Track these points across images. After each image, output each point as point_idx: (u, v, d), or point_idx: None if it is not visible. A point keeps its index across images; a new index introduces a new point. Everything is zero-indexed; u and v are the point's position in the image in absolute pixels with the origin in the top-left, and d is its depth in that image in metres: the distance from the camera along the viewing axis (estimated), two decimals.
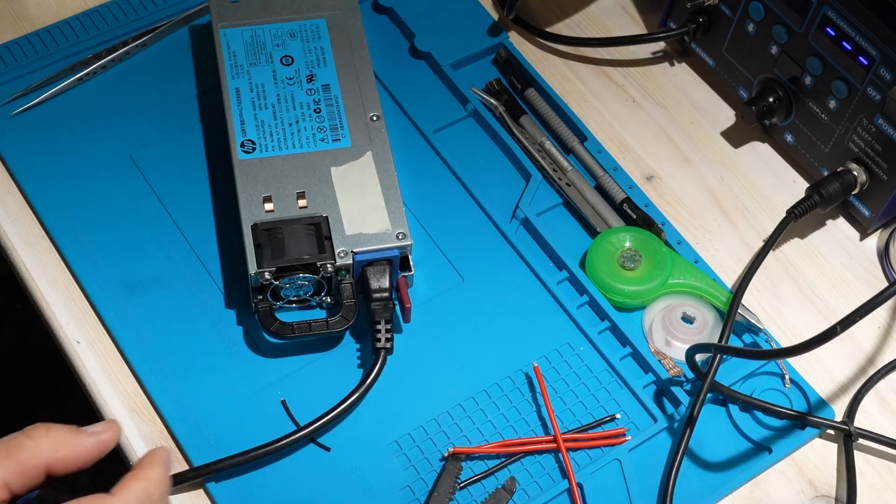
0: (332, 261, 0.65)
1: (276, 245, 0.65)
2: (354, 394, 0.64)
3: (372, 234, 0.66)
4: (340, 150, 0.69)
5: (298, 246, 0.65)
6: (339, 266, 0.65)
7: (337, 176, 0.68)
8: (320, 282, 0.66)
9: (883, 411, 0.69)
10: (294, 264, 0.65)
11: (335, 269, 0.65)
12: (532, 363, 0.67)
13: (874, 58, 0.68)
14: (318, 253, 0.65)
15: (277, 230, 0.66)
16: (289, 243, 0.65)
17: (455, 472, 0.63)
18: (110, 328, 0.68)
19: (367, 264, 0.66)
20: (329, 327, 0.65)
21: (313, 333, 0.65)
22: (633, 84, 0.83)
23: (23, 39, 0.79)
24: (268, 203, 0.67)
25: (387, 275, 0.66)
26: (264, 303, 0.65)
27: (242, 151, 0.69)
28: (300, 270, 0.65)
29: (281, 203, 0.67)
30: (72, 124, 0.76)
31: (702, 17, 0.80)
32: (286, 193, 0.67)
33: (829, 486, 0.66)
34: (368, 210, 0.67)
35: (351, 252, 0.65)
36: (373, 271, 0.66)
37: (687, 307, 0.70)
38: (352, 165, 0.68)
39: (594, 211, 0.74)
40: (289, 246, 0.65)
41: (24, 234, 0.72)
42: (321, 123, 0.70)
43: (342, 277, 0.66)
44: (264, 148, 0.69)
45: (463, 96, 0.79)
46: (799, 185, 0.78)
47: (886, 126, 0.70)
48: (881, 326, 0.72)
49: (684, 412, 0.66)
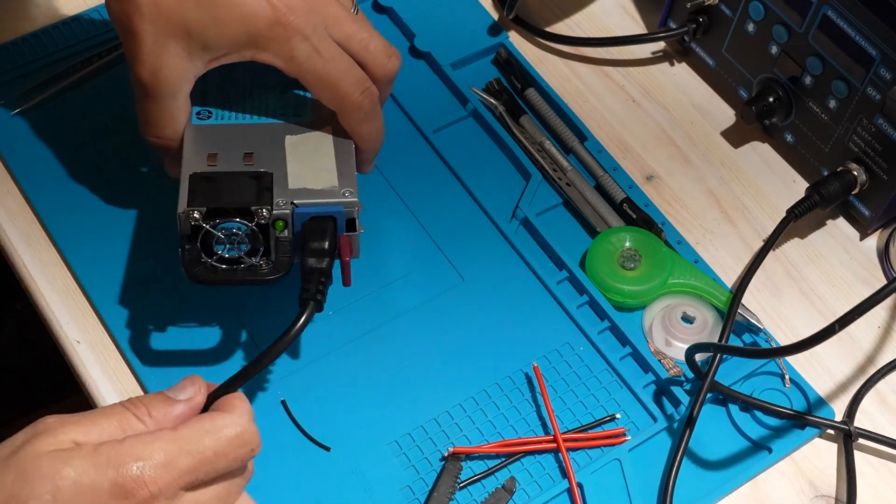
0: (268, 207, 0.60)
1: (212, 190, 0.61)
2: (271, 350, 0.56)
3: (317, 189, 0.62)
4: (296, 126, 0.66)
5: (235, 192, 0.61)
6: (277, 215, 0.60)
7: (290, 142, 0.65)
8: (256, 236, 0.61)
9: (883, 411, 0.69)
10: (227, 207, 0.61)
11: (272, 217, 0.60)
12: (532, 363, 0.67)
13: (874, 58, 0.69)
14: (255, 200, 0.61)
15: (217, 179, 0.62)
16: (225, 190, 0.62)
17: (455, 472, 0.63)
18: (110, 328, 0.68)
19: (308, 219, 0.61)
20: (256, 275, 0.60)
21: (239, 281, 0.60)
22: (633, 84, 0.83)
23: (23, 39, 0.79)
24: (211, 160, 0.63)
25: (327, 231, 0.61)
26: (193, 250, 0.61)
27: (197, 118, 0.66)
28: (234, 216, 0.60)
29: (225, 161, 0.63)
30: (72, 124, 0.76)
31: (702, 17, 0.80)
32: (233, 154, 0.64)
33: (829, 486, 0.66)
34: (317, 170, 0.63)
35: (291, 203, 0.61)
36: (312, 227, 0.61)
37: (687, 307, 0.70)
38: (308, 136, 0.66)
39: (594, 211, 0.74)
40: (224, 192, 0.61)
41: (24, 234, 0.72)
42: (285, 102, 0.68)
43: (279, 231, 0.61)
44: (220, 117, 0.66)
45: (463, 96, 0.79)
46: (799, 185, 0.78)
47: (886, 126, 0.70)
48: (881, 326, 0.72)
49: (684, 412, 0.66)
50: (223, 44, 0.61)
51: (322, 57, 0.62)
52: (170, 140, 0.64)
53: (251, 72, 0.68)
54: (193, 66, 0.62)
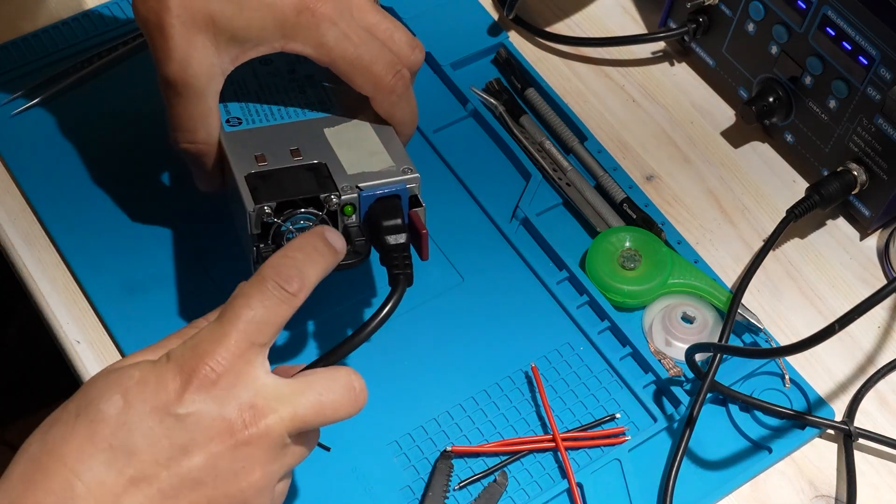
0: (336, 193, 0.60)
1: (274, 185, 0.61)
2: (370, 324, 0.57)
3: (375, 171, 0.62)
4: (331, 117, 0.66)
5: (298, 184, 0.61)
6: (345, 200, 0.61)
7: (331, 134, 0.65)
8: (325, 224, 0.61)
9: (883, 411, 0.69)
10: (296, 199, 0.61)
11: (341, 203, 0.61)
12: (531, 363, 0.67)
13: (874, 58, 0.69)
14: (321, 189, 0.61)
15: (274, 175, 0.62)
16: (287, 183, 0.61)
17: (447, 471, 0.63)
18: (110, 328, 0.68)
19: (375, 201, 0.62)
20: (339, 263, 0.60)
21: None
22: (633, 84, 0.83)
23: (23, 39, 0.79)
24: (261, 160, 0.63)
25: (398, 209, 0.62)
26: (268, 248, 0.61)
27: (228, 126, 0.65)
28: (303, 207, 0.61)
29: (275, 158, 0.63)
30: (72, 124, 0.76)
31: (702, 17, 0.80)
32: (279, 151, 0.64)
33: (829, 486, 0.66)
34: (368, 155, 0.64)
35: (356, 187, 0.61)
36: (382, 207, 0.62)
37: (687, 307, 0.70)
38: (345, 125, 0.66)
39: (594, 211, 0.74)
40: (287, 185, 0.61)
41: (24, 234, 0.72)
42: (307, 100, 0.67)
43: (348, 216, 0.62)
44: (250, 121, 0.66)
45: (463, 96, 0.79)
46: (799, 185, 0.78)
47: (886, 126, 0.70)
48: (881, 326, 0.72)
49: (684, 412, 0.66)
50: (251, 35, 0.61)
51: (352, 41, 0.61)
52: (203, 144, 0.63)
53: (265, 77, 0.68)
54: (221, 60, 0.61)
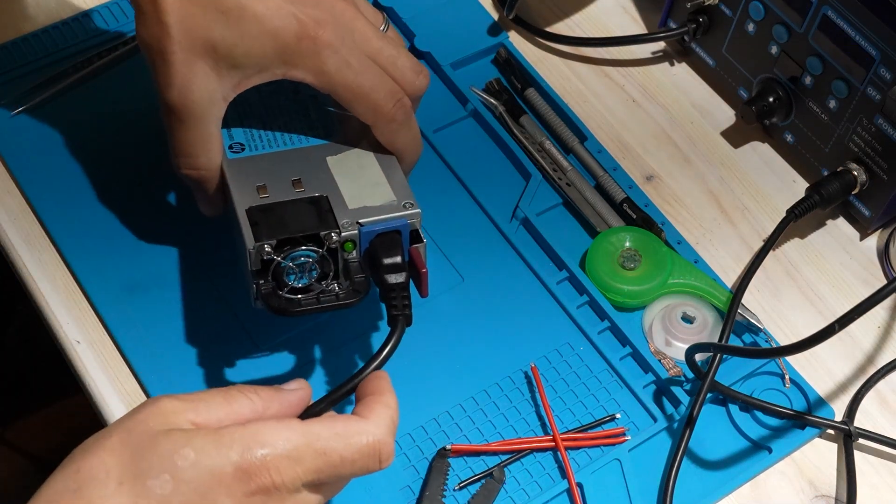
0: (336, 230, 0.60)
1: (275, 220, 0.61)
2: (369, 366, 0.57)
3: (377, 206, 0.61)
4: (333, 145, 0.66)
5: (299, 220, 0.61)
6: (345, 237, 0.61)
7: (333, 163, 0.65)
8: (325, 260, 0.61)
9: (883, 411, 0.69)
10: (296, 236, 0.60)
11: (341, 240, 0.60)
12: (531, 363, 0.67)
13: (874, 58, 0.69)
14: (321, 225, 0.60)
15: (275, 209, 0.62)
16: (288, 219, 0.61)
17: (443, 470, 0.63)
18: (110, 328, 0.68)
19: (375, 237, 0.61)
20: (339, 300, 0.61)
21: (322, 307, 0.61)
22: (633, 84, 0.83)
23: (23, 39, 0.79)
24: (262, 192, 0.63)
25: (398, 245, 0.61)
26: (266, 284, 0.61)
27: (231, 152, 0.65)
28: (303, 244, 0.60)
29: (276, 190, 0.63)
30: (72, 124, 0.76)
31: (702, 17, 0.80)
32: (281, 182, 0.63)
33: (829, 486, 0.66)
34: (370, 186, 0.63)
35: (357, 223, 0.61)
36: (382, 243, 0.61)
37: (687, 307, 0.70)
38: (348, 154, 0.65)
39: (594, 211, 0.74)
40: (288, 221, 0.61)
41: (24, 234, 0.72)
42: (311, 123, 0.68)
43: (348, 252, 0.61)
44: (253, 147, 0.66)
45: (463, 96, 0.79)
46: (799, 185, 0.78)
47: (886, 126, 0.70)
48: (881, 326, 0.72)
49: (684, 412, 0.66)
50: (252, 62, 0.60)
51: (353, 69, 0.61)
52: (205, 170, 0.63)
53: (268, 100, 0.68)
54: (222, 86, 0.61)
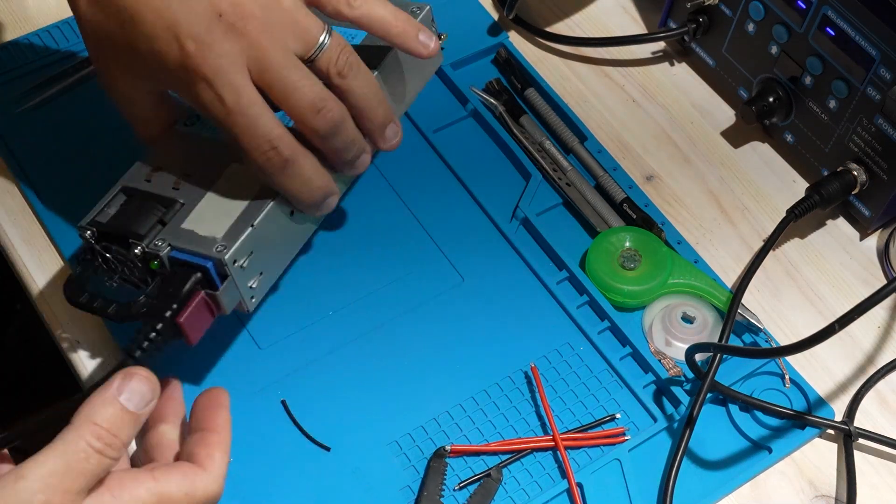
0: (145, 243, 0.59)
1: (123, 209, 0.61)
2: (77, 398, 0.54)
3: (200, 235, 0.59)
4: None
5: (135, 218, 0.60)
6: (149, 253, 0.58)
7: (227, 175, 0.62)
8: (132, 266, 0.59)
9: (883, 411, 0.69)
10: (113, 231, 0.59)
11: (143, 254, 0.58)
12: (531, 363, 0.67)
13: (874, 58, 0.69)
14: (140, 232, 0.59)
15: (134, 198, 0.61)
16: (132, 213, 0.60)
17: (441, 470, 0.63)
18: (110, 328, 0.68)
19: (180, 265, 0.59)
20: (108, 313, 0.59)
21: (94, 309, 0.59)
22: (633, 84, 0.83)
23: (24, 39, 0.79)
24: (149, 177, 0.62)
25: (187, 282, 0.58)
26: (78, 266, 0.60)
27: (183, 124, 0.64)
28: (116, 242, 0.59)
29: (160, 181, 0.62)
30: (72, 124, 0.76)
31: (702, 17, 0.80)
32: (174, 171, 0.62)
33: (829, 486, 0.66)
34: (220, 214, 0.60)
35: (168, 245, 0.59)
36: (178, 273, 0.59)
37: (687, 307, 0.70)
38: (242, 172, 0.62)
39: (594, 211, 0.74)
40: (130, 215, 0.60)
41: (24, 234, 0.72)
42: None
43: (159, 269, 0.59)
44: (204, 126, 0.64)
45: (463, 96, 0.79)
46: (799, 185, 0.78)
47: (886, 126, 0.70)
48: (881, 326, 0.72)
49: (684, 412, 0.66)
50: (147, 74, 0.59)
51: (225, 107, 0.56)
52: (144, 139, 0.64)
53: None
54: (140, 84, 0.60)
